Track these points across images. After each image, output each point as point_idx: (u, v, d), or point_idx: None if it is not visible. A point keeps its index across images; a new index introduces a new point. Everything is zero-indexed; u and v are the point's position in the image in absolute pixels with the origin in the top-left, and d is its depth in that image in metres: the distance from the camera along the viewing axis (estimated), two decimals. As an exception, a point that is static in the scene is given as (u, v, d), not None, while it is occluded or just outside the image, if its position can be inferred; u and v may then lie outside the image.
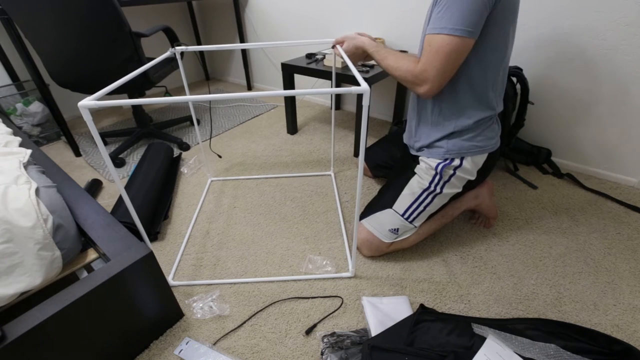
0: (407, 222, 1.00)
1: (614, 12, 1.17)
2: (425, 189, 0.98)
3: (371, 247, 1.03)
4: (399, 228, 1.00)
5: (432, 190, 0.98)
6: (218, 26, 2.66)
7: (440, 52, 0.78)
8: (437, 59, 0.79)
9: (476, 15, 0.74)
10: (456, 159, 0.95)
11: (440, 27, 0.77)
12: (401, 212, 1.00)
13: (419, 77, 0.83)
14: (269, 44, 1.14)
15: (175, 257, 1.09)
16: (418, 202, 0.99)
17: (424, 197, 0.99)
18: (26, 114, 1.81)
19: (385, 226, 1.00)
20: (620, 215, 1.22)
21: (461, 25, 0.75)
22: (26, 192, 0.71)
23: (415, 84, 0.85)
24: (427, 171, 0.99)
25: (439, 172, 0.96)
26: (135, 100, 0.63)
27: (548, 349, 0.72)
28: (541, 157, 1.49)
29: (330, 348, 0.79)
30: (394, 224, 1.00)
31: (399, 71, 0.88)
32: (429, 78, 0.82)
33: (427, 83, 0.83)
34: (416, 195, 0.99)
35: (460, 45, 0.77)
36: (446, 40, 0.76)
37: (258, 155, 1.71)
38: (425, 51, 0.81)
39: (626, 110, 1.28)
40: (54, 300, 0.62)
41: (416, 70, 0.83)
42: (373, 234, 1.01)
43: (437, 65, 0.80)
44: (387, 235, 1.00)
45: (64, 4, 1.26)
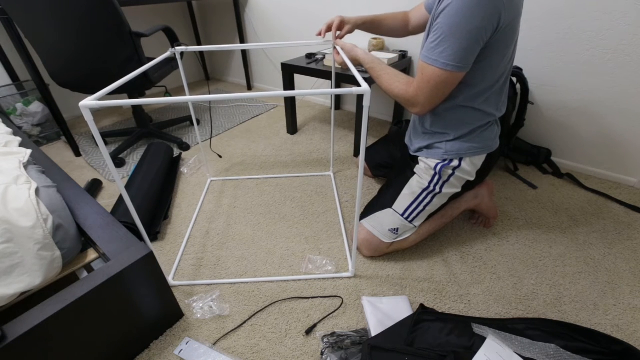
0: (407, 221, 1.00)
1: (614, 12, 1.17)
2: (425, 188, 0.99)
3: (371, 247, 1.03)
4: (399, 228, 1.00)
5: (432, 190, 0.98)
6: (218, 26, 2.66)
7: (431, 82, 0.82)
8: (427, 88, 0.84)
9: (468, 53, 0.77)
10: (455, 159, 0.95)
11: (433, 58, 0.80)
12: (401, 211, 1.00)
13: (410, 100, 0.89)
14: (269, 44, 1.14)
15: (175, 257, 1.09)
16: (418, 201, 0.99)
17: (424, 196, 0.99)
18: (26, 114, 1.81)
19: (385, 226, 1.00)
20: (620, 215, 1.22)
21: (452, 62, 0.78)
22: (26, 192, 0.71)
23: (408, 105, 0.91)
24: (427, 171, 0.99)
25: (438, 172, 0.97)
26: (136, 101, 0.63)
27: (548, 349, 0.72)
28: (541, 157, 1.49)
29: (330, 348, 0.79)
30: (393, 224, 1.00)
31: (392, 91, 0.92)
32: (419, 102, 0.87)
33: (418, 106, 0.88)
34: (416, 194, 0.99)
35: (450, 78, 0.81)
36: (437, 72, 0.80)
37: (258, 155, 1.71)
38: (418, 76, 0.85)
39: (626, 110, 1.28)
40: (54, 300, 0.62)
41: (408, 94, 0.88)
42: (373, 233, 1.01)
43: (427, 93, 0.85)
44: (387, 235, 1.00)
45: (64, 4, 1.26)
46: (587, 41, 1.26)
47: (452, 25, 0.74)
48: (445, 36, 0.76)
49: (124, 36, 1.38)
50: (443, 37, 0.76)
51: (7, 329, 0.57)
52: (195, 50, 1.12)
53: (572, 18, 1.26)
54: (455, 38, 0.75)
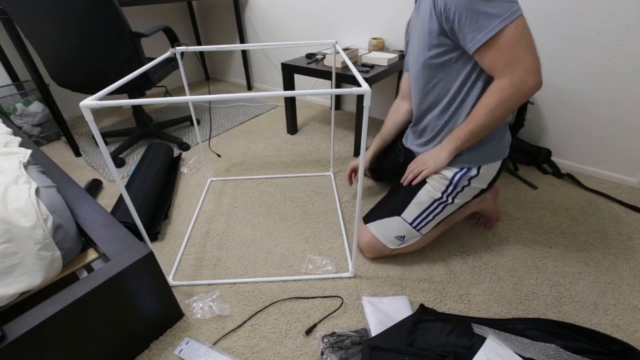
0: (414, 230, 0.98)
1: (614, 12, 1.17)
2: (437, 199, 0.96)
3: (374, 250, 1.02)
4: (405, 235, 0.99)
5: (444, 201, 0.96)
6: (218, 26, 2.66)
7: (518, 40, 0.71)
8: (520, 50, 0.71)
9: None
10: (474, 168, 0.93)
11: (495, 24, 0.70)
12: (410, 220, 0.97)
13: (519, 82, 0.74)
14: (269, 44, 1.14)
15: (175, 257, 1.09)
16: (428, 211, 0.97)
17: (435, 206, 0.96)
18: (26, 114, 1.81)
19: (392, 233, 0.99)
20: (620, 215, 1.22)
21: (510, 7, 0.69)
22: (26, 192, 0.71)
23: (524, 88, 0.75)
24: (440, 181, 0.95)
25: (454, 182, 0.94)
26: (136, 100, 0.63)
27: (548, 349, 0.72)
28: (541, 157, 1.49)
29: (330, 348, 0.79)
30: (400, 232, 0.98)
31: (498, 106, 0.79)
32: (527, 69, 0.73)
33: (530, 75, 0.73)
34: (427, 204, 0.96)
35: (524, 22, 0.71)
36: (513, 28, 0.70)
37: (258, 155, 1.71)
38: (498, 58, 0.74)
39: (626, 110, 1.28)
40: (54, 300, 0.62)
41: (505, 81, 0.75)
42: (378, 239, 1.00)
43: (526, 54, 0.72)
44: (392, 241, 0.99)
45: (64, 4, 1.26)
46: (587, 41, 1.26)
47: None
48: (479, 3, 0.69)
49: (124, 36, 1.38)
50: (479, 6, 0.70)
51: (7, 329, 0.57)
52: (195, 50, 1.12)
53: (572, 18, 1.26)
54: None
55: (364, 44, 1.90)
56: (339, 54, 1.26)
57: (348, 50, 1.60)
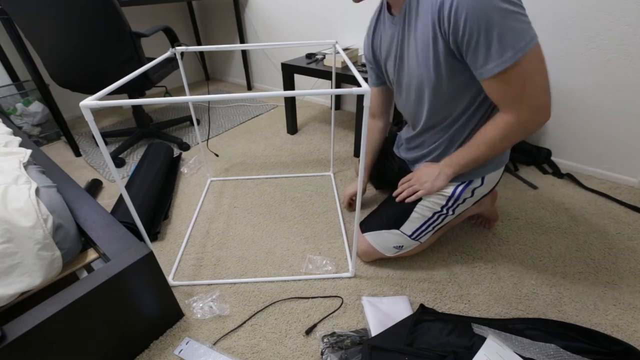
0: (413, 240, 0.97)
1: (614, 12, 1.17)
2: (437, 212, 0.93)
3: (371, 257, 1.02)
4: (404, 245, 0.98)
5: (444, 213, 0.94)
6: (218, 26, 2.66)
7: (532, 75, 0.64)
8: (532, 86, 0.66)
9: (525, 17, 0.62)
10: (476, 179, 0.90)
11: (510, 55, 0.62)
12: (409, 233, 0.96)
13: (524, 120, 0.70)
14: (269, 44, 1.14)
15: (175, 257, 1.09)
16: (427, 223, 0.95)
17: (434, 218, 0.94)
18: (26, 114, 1.81)
19: (390, 244, 0.98)
20: (620, 215, 1.22)
21: (528, 36, 0.62)
22: (26, 192, 0.71)
23: (529, 125, 0.71)
24: (439, 196, 0.92)
25: (455, 196, 0.91)
26: (136, 101, 0.63)
27: (548, 349, 0.72)
28: (541, 157, 1.49)
29: (330, 348, 0.79)
30: (399, 242, 0.98)
31: (501, 141, 0.75)
32: (536, 107, 0.68)
33: (540, 113, 0.69)
34: (426, 217, 0.94)
35: (540, 51, 0.64)
36: (528, 59, 0.63)
37: (258, 155, 1.71)
38: (506, 93, 0.68)
39: (626, 110, 1.28)
40: (54, 300, 0.62)
41: (512, 118, 0.70)
42: (375, 248, 0.99)
43: (538, 90, 0.66)
44: (390, 250, 0.99)
45: (64, 4, 1.26)
46: (587, 41, 1.26)
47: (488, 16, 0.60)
48: (493, 28, 0.61)
49: (124, 36, 1.38)
50: (492, 31, 0.62)
51: (7, 329, 0.57)
52: (195, 50, 1.12)
53: (572, 18, 1.26)
54: (503, 19, 0.60)
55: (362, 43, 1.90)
56: (339, 54, 1.26)
57: (348, 50, 1.60)
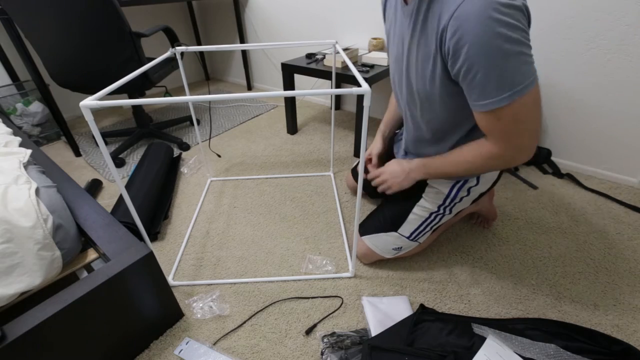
0: (411, 241, 0.98)
1: (614, 12, 1.17)
2: (434, 212, 0.94)
3: (371, 259, 1.02)
4: (403, 246, 0.98)
5: (442, 213, 0.95)
6: (218, 26, 2.66)
7: (520, 118, 0.64)
8: (524, 126, 0.66)
9: (529, 57, 0.61)
10: (472, 179, 0.91)
11: (508, 95, 0.61)
12: (407, 235, 0.97)
13: (506, 157, 0.71)
14: (269, 44, 1.14)
15: (175, 257, 1.09)
16: (425, 224, 0.96)
17: (432, 218, 0.95)
18: (26, 114, 1.81)
19: (389, 246, 0.98)
20: (620, 215, 1.22)
21: (527, 78, 0.61)
22: (26, 192, 0.71)
23: (507, 161, 0.73)
24: (436, 196, 0.94)
25: (451, 195, 0.92)
26: (136, 101, 0.63)
27: (548, 349, 0.72)
28: (541, 157, 1.49)
29: (330, 348, 0.79)
30: (397, 244, 0.98)
31: (479, 167, 0.77)
32: (525, 146, 0.69)
33: (525, 151, 0.70)
34: (423, 218, 0.95)
35: (538, 91, 0.64)
36: (518, 103, 0.62)
37: (258, 155, 1.71)
38: (496, 126, 0.68)
39: (626, 110, 1.28)
40: (54, 300, 0.62)
41: (496, 150, 0.71)
42: (374, 251, 0.99)
43: (531, 130, 0.67)
44: (389, 252, 0.99)
45: (64, 4, 1.26)
46: (587, 41, 1.26)
47: (492, 55, 0.59)
48: (494, 67, 0.60)
49: (124, 36, 1.38)
50: (492, 70, 0.60)
51: (7, 329, 0.57)
52: (195, 50, 1.12)
53: (572, 18, 1.26)
54: (506, 61, 0.59)
55: (364, 44, 1.90)
56: (339, 54, 1.26)
57: (348, 50, 1.60)
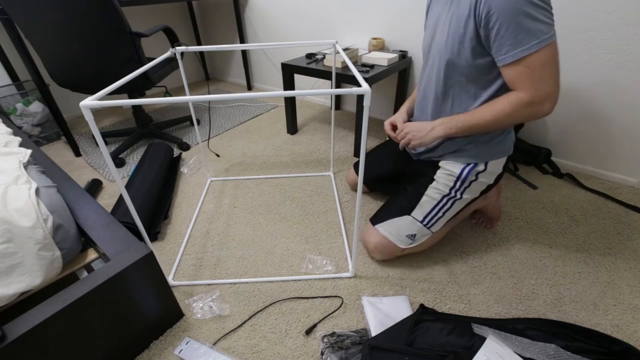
0: (425, 228, 0.98)
1: (614, 12, 1.17)
2: (446, 194, 0.96)
3: (385, 251, 1.01)
4: (416, 234, 0.98)
5: (453, 196, 0.96)
6: (218, 26, 2.66)
7: (549, 63, 0.73)
8: (548, 73, 0.74)
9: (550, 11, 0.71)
10: (481, 163, 0.94)
11: (533, 44, 0.71)
12: (420, 218, 0.97)
13: (535, 100, 0.76)
14: (269, 44, 1.14)
15: (175, 257, 1.09)
16: (438, 207, 0.97)
17: (444, 202, 0.97)
18: (26, 114, 1.81)
19: (403, 232, 0.98)
20: (620, 215, 1.22)
21: (548, 32, 0.71)
22: (26, 192, 0.71)
23: (536, 107, 0.77)
24: (448, 177, 0.96)
25: (461, 177, 0.95)
26: (136, 101, 0.63)
27: (548, 349, 0.72)
28: (541, 157, 1.49)
29: (330, 348, 0.79)
30: (411, 230, 0.98)
31: (507, 116, 0.80)
32: (549, 93, 0.75)
33: (549, 99, 0.76)
34: (436, 201, 0.97)
35: (556, 46, 0.73)
36: (547, 50, 0.72)
37: (258, 155, 1.71)
38: (525, 75, 0.75)
39: (626, 110, 1.28)
40: (54, 300, 0.62)
41: (526, 97, 0.76)
42: (389, 239, 0.99)
43: (553, 77, 0.74)
44: (403, 240, 0.98)
45: (64, 4, 1.26)
46: (587, 41, 1.26)
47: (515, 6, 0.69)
48: (524, 17, 0.70)
49: (124, 36, 1.38)
50: (522, 20, 0.70)
51: (7, 329, 0.57)
52: (195, 50, 1.12)
53: (572, 18, 1.26)
54: (533, 10, 0.69)
55: (364, 44, 1.90)
56: (339, 54, 1.26)
57: (348, 50, 1.60)
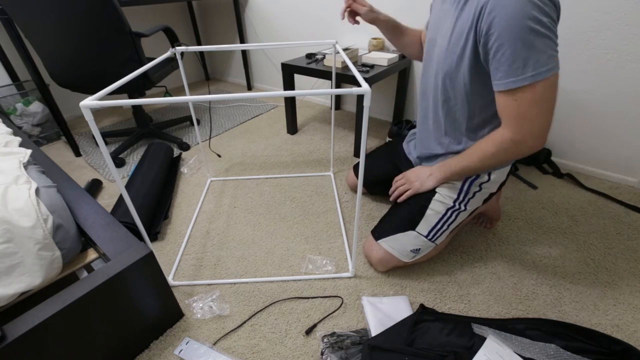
0: (430, 242, 0.96)
1: (614, 12, 1.17)
2: (450, 207, 0.94)
3: (388, 265, 0.99)
4: (421, 248, 0.96)
5: (457, 209, 0.94)
6: (218, 26, 2.66)
7: (541, 100, 0.68)
8: (538, 110, 0.69)
9: (555, 44, 0.66)
10: (484, 174, 0.92)
11: (529, 75, 0.66)
12: (425, 233, 0.95)
13: (518, 139, 0.73)
14: (269, 44, 1.14)
15: (175, 257, 1.09)
16: (442, 221, 0.94)
17: (449, 215, 0.94)
18: (26, 114, 1.81)
19: (407, 247, 0.96)
20: (620, 215, 1.22)
21: (550, 63, 0.66)
22: (26, 192, 0.71)
23: (520, 147, 0.74)
24: (451, 190, 0.94)
25: (464, 190, 0.93)
26: (136, 101, 0.63)
27: (548, 349, 0.72)
28: (541, 157, 1.49)
29: (330, 348, 0.79)
30: (416, 245, 0.96)
31: (492, 156, 0.79)
32: (534, 131, 0.72)
33: (532, 138, 0.73)
34: (440, 214, 0.94)
35: (556, 81, 0.68)
36: (544, 84, 0.67)
37: (258, 155, 1.71)
38: (511, 109, 0.72)
39: (626, 110, 1.28)
40: (54, 300, 0.62)
41: (507, 134, 0.74)
42: (392, 254, 0.96)
43: (542, 116, 0.70)
44: (407, 255, 0.96)
45: (64, 4, 1.26)
46: (587, 41, 1.26)
47: (520, 30, 0.64)
48: (522, 45, 0.65)
49: (124, 36, 1.38)
50: (521, 47, 0.65)
51: (7, 329, 0.57)
52: (195, 50, 1.12)
53: (572, 18, 1.26)
54: (534, 39, 0.64)
55: (364, 44, 1.90)
56: (339, 54, 1.26)
57: (348, 50, 1.60)
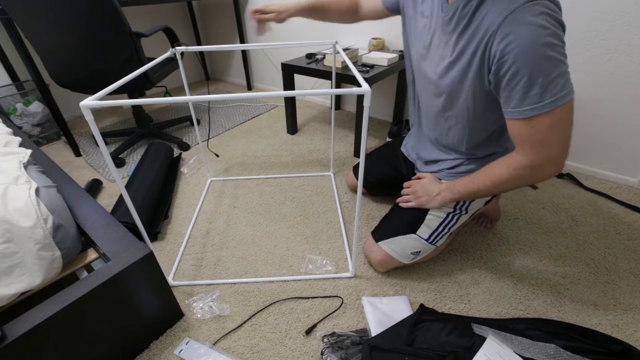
0: (430, 244, 0.96)
1: (614, 12, 1.17)
2: (451, 211, 0.94)
3: (388, 266, 0.99)
4: (421, 250, 0.96)
5: (458, 212, 0.94)
6: (218, 26, 2.66)
7: (560, 125, 0.65)
8: (557, 136, 0.66)
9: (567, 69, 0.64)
10: None
11: (547, 102, 0.63)
12: (426, 237, 0.94)
13: (536, 165, 0.70)
14: (269, 44, 1.14)
15: (175, 257, 1.09)
16: (443, 225, 0.94)
17: (449, 219, 0.94)
18: (26, 114, 1.81)
19: (407, 250, 0.96)
20: (620, 215, 1.22)
21: (566, 89, 0.63)
22: (26, 192, 0.71)
23: (537, 172, 0.71)
24: None
25: None
26: (136, 101, 0.63)
27: (548, 349, 0.72)
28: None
29: (330, 348, 0.79)
30: (416, 248, 0.96)
31: (506, 181, 0.75)
32: (552, 157, 0.68)
33: (551, 164, 0.69)
34: (441, 218, 0.94)
35: (572, 104, 0.65)
36: (562, 110, 0.64)
37: (258, 155, 1.71)
38: (528, 135, 0.68)
39: (626, 110, 1.28)
40: (54, 300, 0.62)
41: (524, 160, 0.70)
42: (392, 256, 0.97)
43: (562, 140, 0.67)
44: (407, 257, 0.96)
45: (64, 4, 1.26)
46: (587, 41, 1.26)
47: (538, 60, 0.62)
48: (540, 72, 0.63)
49: (124, 36, 1.38)
50: (538, 74, 0.63)
51: (7, 329, 0.57)
52: (195, 50, 1.12)
53: (572, 18, 1.26)
54: (551, 67, 0.62)
55: (364, 44, 1.90)
56: (339, 54, 1.26)
57: (348, 50, 1.60)
